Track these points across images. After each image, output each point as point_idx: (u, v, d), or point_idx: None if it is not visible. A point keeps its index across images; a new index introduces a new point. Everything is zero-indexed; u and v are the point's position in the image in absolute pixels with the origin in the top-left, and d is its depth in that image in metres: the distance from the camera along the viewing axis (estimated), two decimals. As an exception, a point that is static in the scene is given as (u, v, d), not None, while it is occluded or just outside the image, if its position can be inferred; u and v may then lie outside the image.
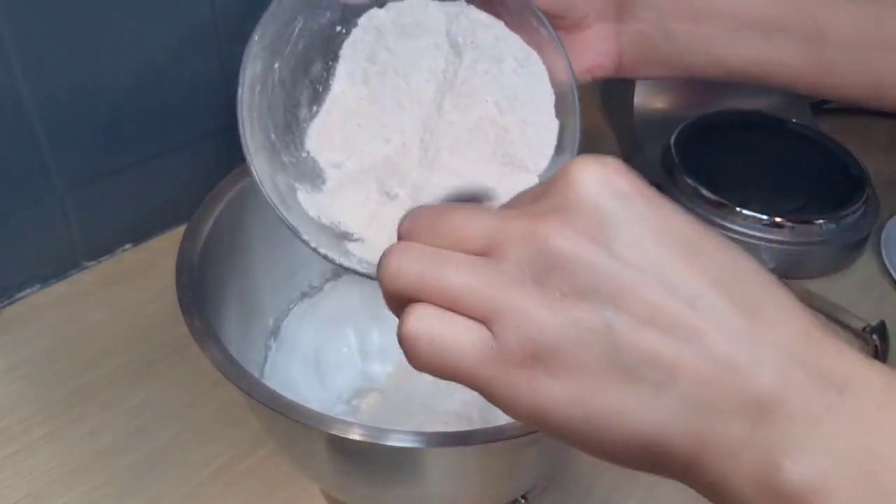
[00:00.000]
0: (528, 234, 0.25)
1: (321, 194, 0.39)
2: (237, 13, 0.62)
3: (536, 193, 0.27)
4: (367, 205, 0.39)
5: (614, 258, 0.24)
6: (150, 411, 0.54)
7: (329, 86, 0.40)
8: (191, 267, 0.43)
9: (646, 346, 0.23)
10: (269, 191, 0.38)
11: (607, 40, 0.47)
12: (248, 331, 0.51)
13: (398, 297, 0.27)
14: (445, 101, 0.39)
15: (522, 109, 0.40)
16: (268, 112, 0.39)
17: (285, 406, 0.36)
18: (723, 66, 0.49)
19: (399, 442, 0.35)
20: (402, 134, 0.40)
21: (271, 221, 0.51)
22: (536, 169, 0.40)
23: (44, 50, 0.53)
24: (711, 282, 0.24)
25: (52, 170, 0.58)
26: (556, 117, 0.40)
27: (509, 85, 0.40)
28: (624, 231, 0.24)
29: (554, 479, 0.51)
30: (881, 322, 0.61)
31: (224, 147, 0.68)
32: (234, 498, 0.49)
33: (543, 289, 0.24)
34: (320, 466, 0.43)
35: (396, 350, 0.59)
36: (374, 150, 0.39)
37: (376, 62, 0.40)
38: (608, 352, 0.24)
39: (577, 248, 0.24)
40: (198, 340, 0.39)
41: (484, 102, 0.39)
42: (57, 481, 0.49)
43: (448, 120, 0.39)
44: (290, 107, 0.40)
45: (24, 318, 0.60)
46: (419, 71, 0.40)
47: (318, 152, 0.40)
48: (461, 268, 0.25)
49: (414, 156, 0.39)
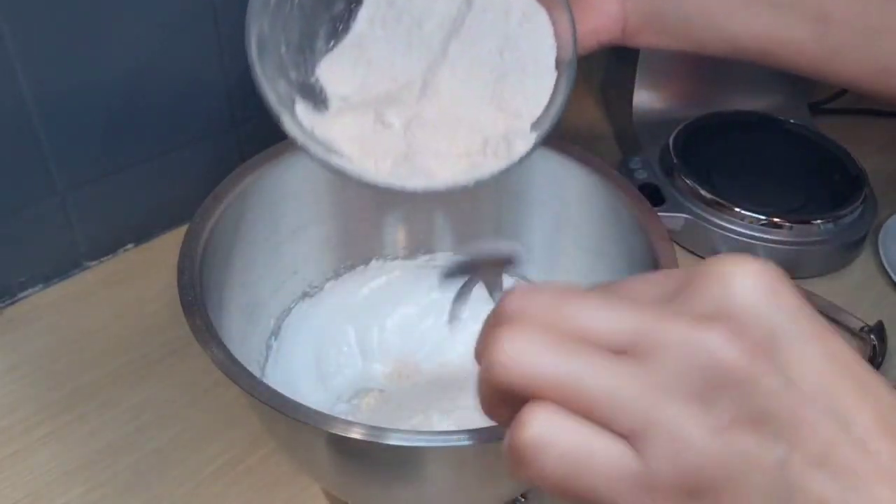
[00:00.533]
0: (690, 340, 0.21)
1: (321, 115, 0.41)
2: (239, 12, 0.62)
3: (672, 288, 0.23)
4: (363, 130, 0.41)
5: (791, 383, 0.21)
6: (150, 411, 0.54)
7: (349, 27, 0.43)
8: (192, 267, 0.43)
9: (818, 490, 0.20)
10: (259, 74, 0.40)
11: (613, 2, 0.48)
12: (249, 330, 0.51)
13: (504, 390, 0.22)
14: (451, 45, 0.41)
15: (523, 59, 0.42)
16: (282, 28, 0.41)
17: (286, 405, 0.36)
18: (730, 40, 0.49)
19: (399, 441, 0.35)
20: (408, 73, 0.42)
21: (272, 221, 0.52)
22: (530, 117, 0.41)
23: (44, 49, 0.53)
24: (880, 422, 0.21)
25: (53, 169, 0.58)
26: (554, 70, 0.42)
27: (513, 35, 0.42)
28: (796, 352, 0.21)
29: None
30: (879, 322, 0.61)
31: (226, 146, 0.68)
32: (234, 497, 0.49)
33: (707, 408, 0.20)
34: (321, 465, 0.43)
35: (396, 350, 0.59)
36: (380, 87, 0.42)
37: (394, 6, 0.42)
38: (777, 493, 0.20)
39: (753, 368, 0.20)
40: (199, 340, 0.39)
41: (487, 48, 0.41)
42: (57, 481, 0.50)
43: (451, 61, 0.41)
44: (306, 34, 0.42)
45: (25, 317, 0.60)
46: (432, 16, 0.42)
47: (327, 82, 0.42)
48: (603, 368, 0.21)
49: (415, 92, 0.41)
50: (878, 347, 0.59)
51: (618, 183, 0.50)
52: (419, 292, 0.57)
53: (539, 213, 0.54)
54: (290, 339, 0.53)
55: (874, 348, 0.59)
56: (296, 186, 0.52)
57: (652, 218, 0.47)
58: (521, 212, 0.55)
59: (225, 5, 0.61)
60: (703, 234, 0.67)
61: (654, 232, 0.46)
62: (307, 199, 0.53)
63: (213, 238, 0.46)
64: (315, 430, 0.36)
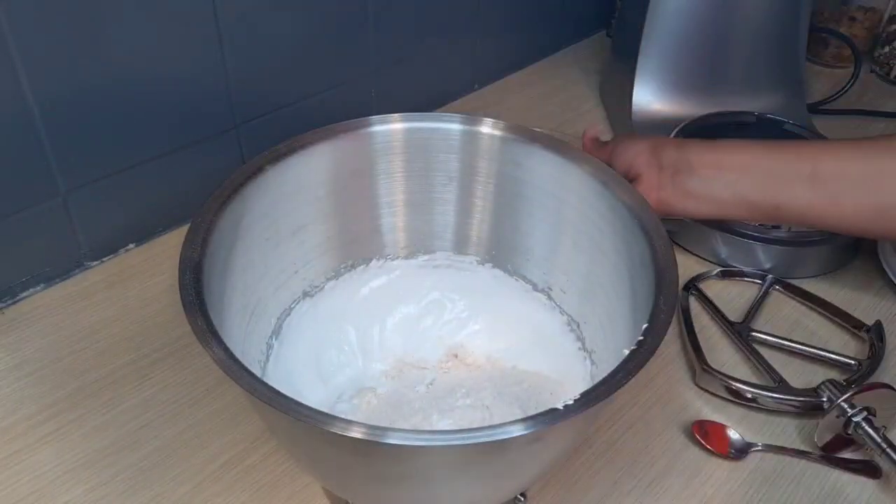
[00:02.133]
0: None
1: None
2: (239, 13, 0.63)
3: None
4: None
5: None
6: (152, 410, 0.54)
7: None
8: (193, 266, 0.43)
9: None
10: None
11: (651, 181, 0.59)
12: (250, 330, 0.51)
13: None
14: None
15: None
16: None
17: (287, 405, 0.36)
18: (744, 201, 0.57)
19: (399, 440, 0.35)
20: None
21: (272, 221, 0.52)
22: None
23: (47, 51, 0.54)
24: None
25: (55, 170, 0.58)
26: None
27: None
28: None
29: (553, 478, 0.51)
30: (877, 322, 0.61)
31: (226, 147, 0.68)
32: (236, 495, 0.50)
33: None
34: (321, 464, 0.43)
35: (397, 349, 0.60)
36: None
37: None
38: None
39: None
40: (200, 340, 0.39)
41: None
42: (60, 479, 0.50)
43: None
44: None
45: (27, 317, 0.60)
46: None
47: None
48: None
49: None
50: (876, 347, 0.59)
51: (618, 183, 0.50)
52: (419, 292, 0.58)
53: (539, 213, 0.54)
54: (290, 339, 0.53)
55: (872, 347, 0.59)
56: (296, 186, 0.52)
57: (652, 218, 0.47)
58: (521, 212, 0.55)
59: (225, 5, 0.61)
60: (702, 234, 0.67)
61: (654, 232, 0.46)
62: (307, 199, 0.53)
63: (214, 238, 0.46)
64: (315, 429, 0.36)
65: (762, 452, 0.53)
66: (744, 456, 0.53)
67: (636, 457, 0.53)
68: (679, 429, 0.55)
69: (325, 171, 0.53)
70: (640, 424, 0.55)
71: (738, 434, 0.54)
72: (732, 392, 0.56)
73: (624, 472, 0.52)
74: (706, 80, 0.80)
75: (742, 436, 0.54)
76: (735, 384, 0.56)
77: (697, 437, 0.53)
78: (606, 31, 1.04)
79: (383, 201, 0.57)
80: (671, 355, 0.60)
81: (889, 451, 0.50)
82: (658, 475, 0.52)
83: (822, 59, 0.99)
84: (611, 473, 0.52)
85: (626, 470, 0.52)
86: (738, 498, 0.51)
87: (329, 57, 0.72)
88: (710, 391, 0.57)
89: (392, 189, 0.56)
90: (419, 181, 0.56)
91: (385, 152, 0.55)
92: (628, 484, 0.51)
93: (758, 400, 0.55)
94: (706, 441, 0.53)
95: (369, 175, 0.55)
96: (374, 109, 0.56)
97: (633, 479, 0.51)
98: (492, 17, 0.86)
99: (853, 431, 0.52)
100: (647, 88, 0.79)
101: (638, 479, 0.51)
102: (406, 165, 0.56)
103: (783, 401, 0.55)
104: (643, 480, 0.51)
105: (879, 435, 0.51)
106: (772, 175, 0.56)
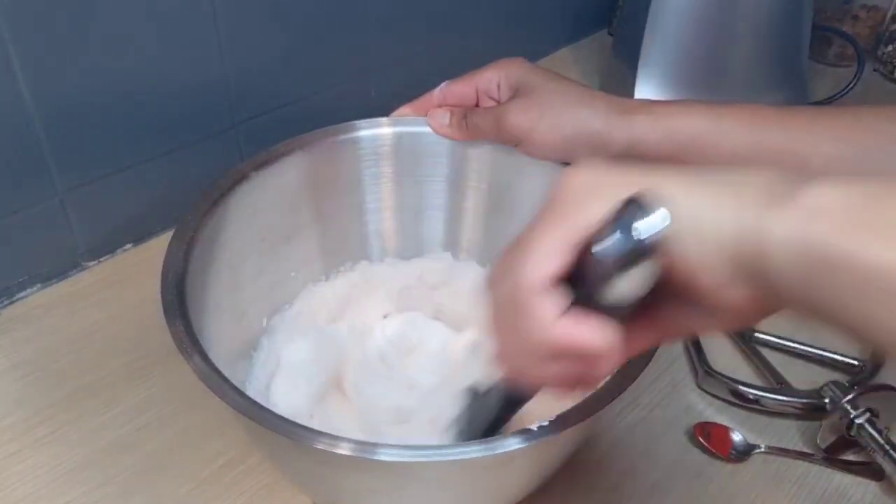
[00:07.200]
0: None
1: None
2: (238, 13, 0.62)
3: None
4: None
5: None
6: (150, 411, 0.54)
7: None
8: (177, 269, 0.43)
9: None
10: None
11: None
12: (239, 330, 0.51)
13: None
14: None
15: None
16: None
17: (268, 419, 0.36)
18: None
19: (387, 456, 0.34)
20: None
21: (263, 223, 0.52)
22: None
23: (44, 51, 0.53)
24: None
25: (52, 170, 0.58)
26: None
27: None
28: None
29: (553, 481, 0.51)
30: (880, 322, 0.61)
31: (225, 146, 0.68)
32: (234, 498, 0.49)
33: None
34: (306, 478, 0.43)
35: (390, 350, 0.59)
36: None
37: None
38: None
39: None
40: (182, 351, 0.38)
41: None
42: (58, 480, 0.50)
43: None
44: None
45: (24, 318, 0.60)
46: None
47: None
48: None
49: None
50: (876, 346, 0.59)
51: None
52: (410, 294, 0.57)
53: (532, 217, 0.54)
54: (281, 340, 0.53)
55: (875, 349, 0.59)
56: (286, 189, 0.52)
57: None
58: (518, 213, 0.55)
59: (225, 5, 0.61)
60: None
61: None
62: (298, 201, 0.53)
63: (202, 239, 0.45)
64: (299, 446, 0.35)
65: (764, 454, 0.53)
66: (746, 458, 0.53)
67: (638, 459, 0.52)
68: (681, 431, 0.54)
69: (310, 176, 0.53)
70: (642, 427, 0.55)
71: (741, 436, 0.53)
72: (735, 394, 0.56)
73: (626, 475, 0.51)
74: (708, 79, 0.79)
75: (744, 438, 0.53)
76: (737, 386, 0.55)
77: (700, 439, 0.53)
78: (608, 28, 1.04)
79: (371, 206, 0.57)
80: (673, 357, 0.60)
81: (892, 453, 0.50)
82: (660, 478, 0.52)
83: (824, 57, 0.98)
84: (612, 476, 0.51)
85: (628, 472, 0.52)
86: (740, 500, 0.50)
87: (329, 57, 0.71)
88: (713, 393, 0.57)
89: (380, 194, 0.56)
90: (409, 185, 0.56)
91: (374, 157, 0.55)
92: (630, 487, 0.51)
93: (760, 402, 0.55)
94: (708, 443, 0.53)
95: (358, 180, 0.55)
96: (373, 109, 0.55)
97: (635, 482, 0.51)
98: (492, 16, 0.86)
99: (856, 433, 0.51)
100: (649, 88, 0.78)
101: (640, 482, 0.51)
102: (395, 169, 0.56)
103: (786, 402, 0.55)
104: (645, 483, 0.51)
105: (882, 437, 0.51)
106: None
